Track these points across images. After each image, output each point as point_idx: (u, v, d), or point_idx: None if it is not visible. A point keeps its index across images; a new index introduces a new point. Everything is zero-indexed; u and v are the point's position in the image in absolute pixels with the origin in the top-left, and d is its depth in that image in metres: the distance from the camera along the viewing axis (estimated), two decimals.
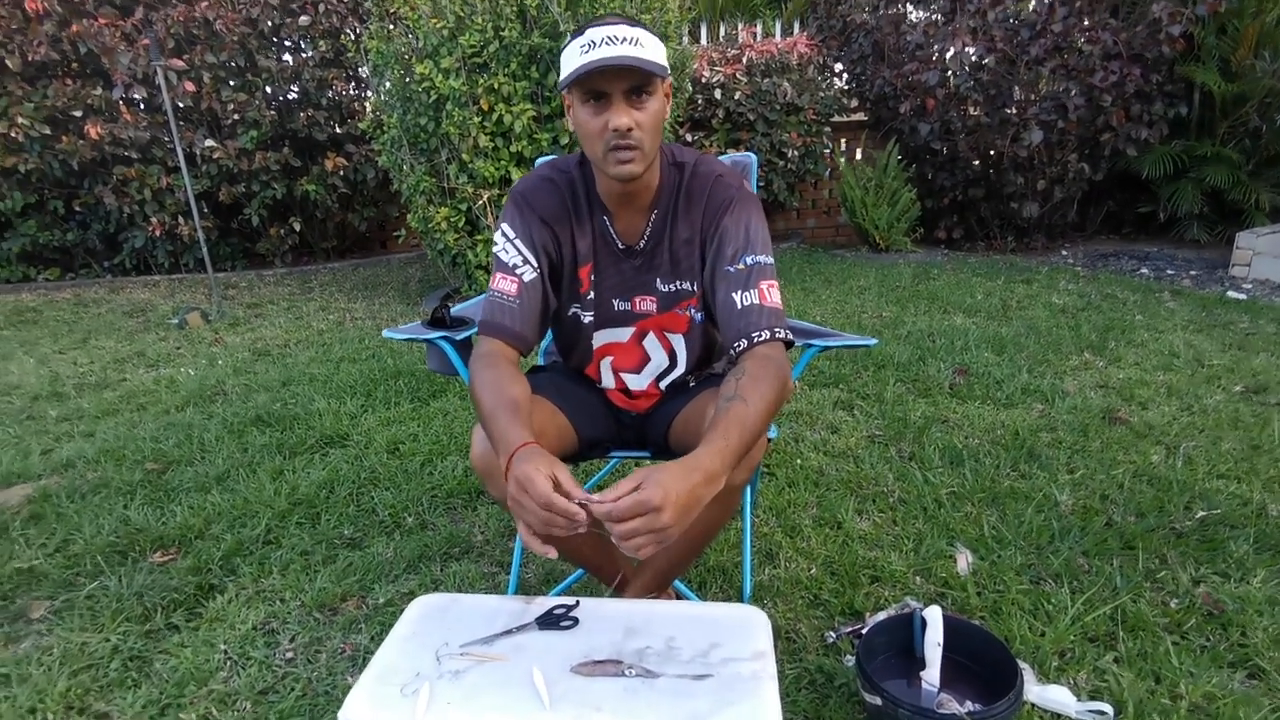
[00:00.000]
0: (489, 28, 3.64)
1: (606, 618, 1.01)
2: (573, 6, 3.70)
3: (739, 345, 1.11)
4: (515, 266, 1.20)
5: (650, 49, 1.07)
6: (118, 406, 2.83)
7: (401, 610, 1.22)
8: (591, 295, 1.28)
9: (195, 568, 1.73)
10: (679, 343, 1.32)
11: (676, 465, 0.89)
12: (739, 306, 1.13)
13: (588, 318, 1.29)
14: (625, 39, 1.05)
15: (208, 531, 1.89)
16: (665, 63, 1.10)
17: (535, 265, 1.21)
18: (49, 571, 1.73)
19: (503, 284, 1.19)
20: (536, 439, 0.99)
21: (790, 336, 1.13)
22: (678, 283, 1.26)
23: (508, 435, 0.99)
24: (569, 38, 1.10)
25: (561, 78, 1.10)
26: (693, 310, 1.28)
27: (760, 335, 1.10)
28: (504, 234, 1.22)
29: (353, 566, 1.73)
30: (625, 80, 1.06)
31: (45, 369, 3.33)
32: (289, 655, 1.45)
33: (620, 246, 1.25)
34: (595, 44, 1.05)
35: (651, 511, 0.83)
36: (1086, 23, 4.65)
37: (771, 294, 1.14)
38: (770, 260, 1.17)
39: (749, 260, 1.15)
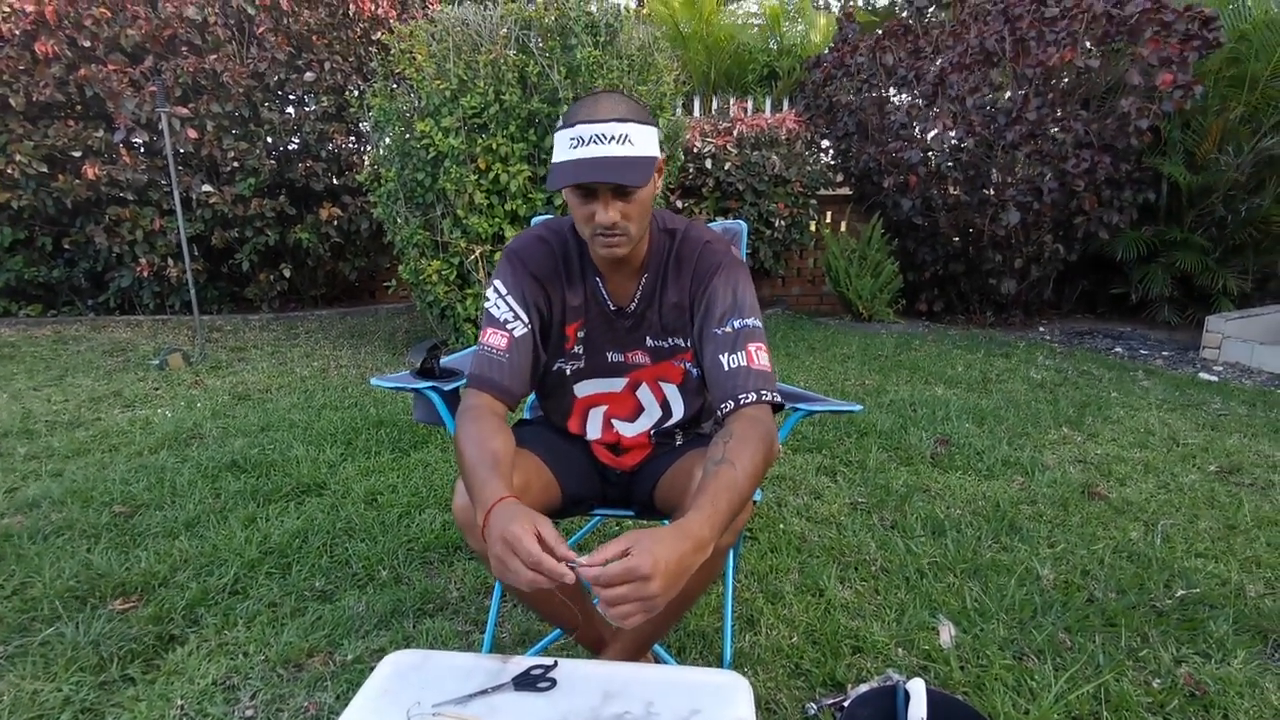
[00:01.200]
0: (490, 91, 3.77)
1: (585, 680, 0.98)
2: (572, 75, 3.85)
3: (726, 406, 1.12)
4: (506, 322, 1.21)
5: (640, 143, 1.07)
6: (89, 446, 2.76)
7: (370, 668, 1.18)
8: (578, 350, 1.29)
9: (156, 616, 1.67)
10: (673, 393, 1.33)
11: (667, 532, 0.88)
12: (726, 368, 1.14)
13: (570, 369, 1.31)
14: (614, 137, 1.05)
15: (172, 579, 1.83)
16: (655, 151, 1.11)
17: (526, 321, 1.22)
18: (3, 615, 1.66)
19: (493, 339, 1.21)
20: (520, 494, 0.98)
21: (778, 399, 1.14)
22: (670, 339, 1.28)
23: (486, 489, 0.99)
24: (561, 122, 1.10)
25: (551, 166, 1.10)
26: (687, 364, 1.30)
27: (747, 397, 1.11)
28: (496, 290, 1.23)
29: (322, 620, 1.67)
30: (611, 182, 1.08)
31: (18, 405, 3.26)
32: (249, 713, 1.39)
33: (612, 307, 1.27)
34: (583, 141, 1.05)
35: (640, 580, 0.82)
36: (1059, 113, 4.90)
37: (760, 356, 1.15)
38: (759, 324, 1.19)
39: (736, 324, 1.17)
